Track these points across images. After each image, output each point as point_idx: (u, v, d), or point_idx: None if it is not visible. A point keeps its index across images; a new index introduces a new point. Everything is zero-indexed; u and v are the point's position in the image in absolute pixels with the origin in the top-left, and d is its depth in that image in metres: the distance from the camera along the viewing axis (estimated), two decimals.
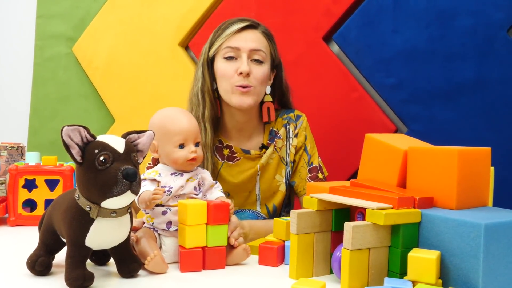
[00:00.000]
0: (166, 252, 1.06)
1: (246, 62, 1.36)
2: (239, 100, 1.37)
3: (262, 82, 1.39)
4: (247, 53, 1.37)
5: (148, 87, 2.18)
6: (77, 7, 2.35)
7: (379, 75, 1.75)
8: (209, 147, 1.41)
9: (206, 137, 1.41)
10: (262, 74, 1.39)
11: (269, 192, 1.47)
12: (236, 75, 1.36)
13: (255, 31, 1.41)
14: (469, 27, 1.63)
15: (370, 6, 1.76)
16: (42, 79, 2.40)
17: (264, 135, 1.49)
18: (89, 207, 0.88)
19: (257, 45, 1.38)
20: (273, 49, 1.44)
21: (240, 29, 1.38)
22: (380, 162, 1.04)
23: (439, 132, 1.67)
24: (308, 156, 1.48)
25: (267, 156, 1.46)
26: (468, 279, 0.81)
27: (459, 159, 0.90)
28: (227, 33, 1.39)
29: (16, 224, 1.46)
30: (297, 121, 1.50)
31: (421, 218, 0.89)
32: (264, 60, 1.40)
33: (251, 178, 1.45)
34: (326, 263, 0.99)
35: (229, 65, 1.38)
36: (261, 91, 1.41)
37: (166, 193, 1.07)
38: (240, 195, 1.46)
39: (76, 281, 0.87)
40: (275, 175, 1.47)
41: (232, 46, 1.38)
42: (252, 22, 1.41)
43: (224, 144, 1.46)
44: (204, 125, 1.41)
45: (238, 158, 1.46)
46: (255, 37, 1.39)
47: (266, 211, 1.47)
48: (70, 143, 0.86)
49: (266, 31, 1.43)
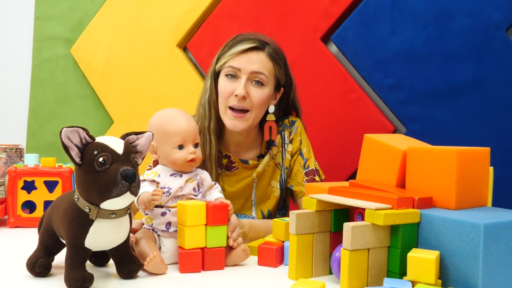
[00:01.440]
0: (166, 253, 1.06)
1: (243, 85, 1.34)
2: (230, 124, 1.37)
3: (260, 105, 1.37)
4: (247, 75, 1.35)
5: (147, 88, 2.18)
6: (75, 9, 2.35)
7: (377, 76, 1.76)
8: (213, 159, 1.41)
9: (211, 150, 1.40)
10: (260, 97, 1.36)
11: (264, 197, 1.48)
12: (233, 96, 1.35)
13: (260, 53, 1.37)
14: (467, 28, 1.63)
15: (368, 6, 1.76)
16: (40, 81, 2.40)
17: (262, 146, 1.49)
18: (88, 208, 0.88)
19: (258, 67, 1.35)
20: (279, 70, 1.40)
21: (244, 50, 1.36)
22: (379, 163, 1.04)
23: (437, 132, 1.67)
24: (304, 160, 1.48)
25: (263, 164, 1.46)
26: (468, 279, 0.81)
27: (458, 159, 0.90)
28: (231, 52, 1.37)
29: (15, 225, 1.45)
30: (292, 127, 1.49)
31: (420, 218, 0.89)
32: (265, 83, 1.37)
33: (247, 186, 1.46)
34: (325, 263, 0.99)
35: (229, 84, 1.37)
36: (258, 114, 1.39)
37: (165, 194, 1.07)
38: (237, 202, 1.46)
39: (75, 282, 0.87)
40: (270, 182, 1.48)
41: (233, 66, 1.36)
42: (259, 43, 1.37)
43: (223, 154, 1.46)
44: (209, 138, 1.41)
45: (236, 167, 1.46)
46: (258, 59, 1.36)
47: (261, 215, 1.48)
48: (69, 144, 0.86)
49: (272, 53, 1.38)
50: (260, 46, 1.37)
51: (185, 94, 2.08)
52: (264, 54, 1.37)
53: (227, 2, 2.01)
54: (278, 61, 1.39)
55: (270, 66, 1.37)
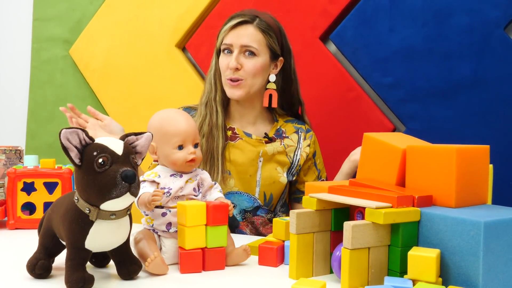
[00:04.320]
0: (166, 254, 1.06)
1: (235, 57, 1.44)
2: (230, 92, 1.48)
3: (254, 74, 1.46)
4: (239, 48, 1.45)
5: (146, 89, 2.18)
6: (73, 10, 2.35)
7: (376, 74, 1.75)
8: (220, 128, 1.49)
9: (218, 118, 1.49)
10: (253, 67, 1.45)
11: (269, 180, 1.50)
12: (228, 69, 1.45)
13: (249, 26, 1.46)
14: (466, 26, 1.63)
15: (366, 5, 1.76)
16: (39, 82, 2.40)
17: (271, 128, 1.55)
18: (88, 209, 0.88)
19: (247, 41, 1.45)
20: (271, 40, 1.48)
21: (234, 26, 1.46)
22: (378, 161, 1.04)
23: (437, 131, 1.67)
24: (317, 171, 1.57)
25: (273, 146, 1.52)
26: (468, 277, 0.81)
27: (457, 157, 0.90)
28: (224, 29, 1.48)
29: (15, 227, 1.45)
30: (308, 133, 1.57)
31: (421, 217, 0.89)
32: (257, 54, 1.46)
33: (252, 161, 1.49)
34: (326, 262, 0.99)
35: (225, 59, 1.48)
36: (253, 82, 1.47)
37: (166, 194, 1.06)
38: (241, 177, 1.49)
39: (76, 283, 0.87)
40: (276, 167, 1.51)
41: (226, 43, 1.47)
42: (248, 17, 1.46)
43: (228, 126, 1.53)
44: (216, 108, 1.50)
45: (240, 137, 1.51)
46: (247, 33, 1.45)
47: (263, 198, 1.50)
48: (68, 145, 0.86)
49: (262, 24, 1.46)
50: (248, 20, 1.46)
51: (184, 94, 2.08)
52: (253, 27, 1.46)
53: (226, 2, 2.01)
54: (269, 32, 1.47)
55: (260, 37, 1.46)
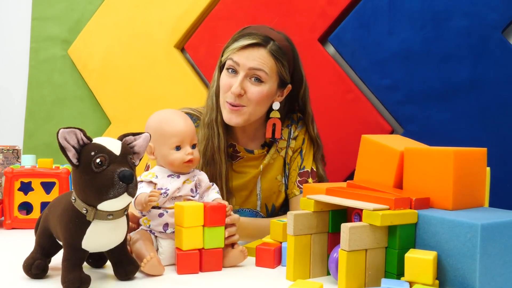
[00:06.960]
0: (163, 254, 1.06)
1: (240, 82, 1.33)
2: (227, 117, 1.37)
3: (257, 102, 1.35)
4: (246, 71, 1.34)
5: (144, 89, 2.18)
6: (72, 9, 2.35)
7: (374, 76, 1.76)
8: (222, 152, 1.39)
9: (220, 142, 1.39)
10: (258, 94, 1.34)
11: (270, 191, 1.46)
12: (230, 92, 1.35)
13: (262, 49, 1.34)
14: (464, 28, 1.64)
15: (365, 7, 1.76)
16: (37, 82, 2.39)
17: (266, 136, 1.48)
18: (85, 209, 0.88)
19: (257, 64, 1.33)
20: (282, 68, 1.37)
21: (246, 46, 1.34)
22: (376, 163, 1.04)
23: (435, 133, 1.68)
24: (301, 160, 1.46)
25: (269, 155, 1.46)
26: (465, 280, 0.81)
27: (455, 159, 0.90)
28: (234, 46, 1.36)
29: (12, 227, 1.45)
30: (298, 123, 1.49)
31: (418, 219, 0.89)
32: (264, 80, 1.34)
33: (253, 178, 1.45)
34: (323, 264, 0.99)
35: (228, 79, 1.36)
36: (255, 110, 1.37)
37: (163, 195, 1.06)
38: (241, 195, 1.45)
39: (72, 284, 0.86)
40: (276, 176, 1.47)
41: (234, 60, 1.35)
42: (262, 39, 1.34)
43: (228, 143, 1.45)
44: (217, 130, 1.40)
45: (241, 157, 1.45)
46: (258, 56, 1.34)
47: (265, 210, 1.47)
48: (66, 145, 0.86)
49: (275, 50, 1.35)
50: (262, 42, 1.34)
51: (182, 95, 2.08)
52: (266, 51, 1.34)
53: (225, 3, 2.01)
54: (281, 59, 1.36)
55: (271, 63, 1.35)
